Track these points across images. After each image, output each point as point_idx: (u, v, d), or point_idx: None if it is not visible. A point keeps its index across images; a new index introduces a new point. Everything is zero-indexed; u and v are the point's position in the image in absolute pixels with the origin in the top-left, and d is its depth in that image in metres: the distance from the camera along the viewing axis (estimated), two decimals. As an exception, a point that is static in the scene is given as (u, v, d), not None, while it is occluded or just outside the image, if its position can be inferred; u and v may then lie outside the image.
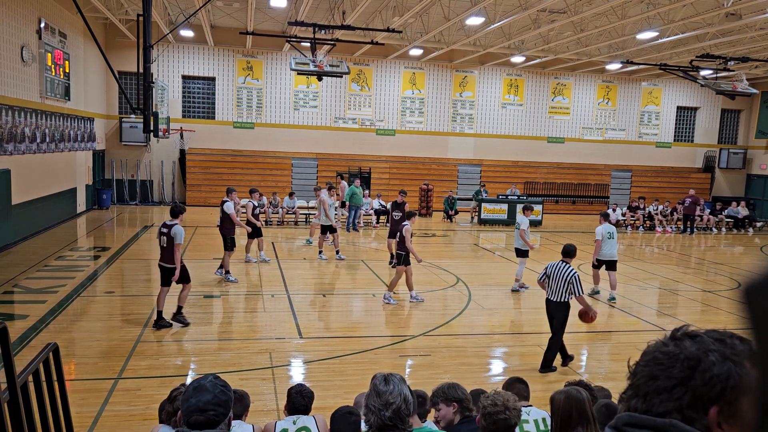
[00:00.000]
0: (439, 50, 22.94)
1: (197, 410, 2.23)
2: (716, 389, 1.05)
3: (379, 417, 2.41)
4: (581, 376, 7.38)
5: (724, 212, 24.42)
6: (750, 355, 0.97)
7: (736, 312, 0.84)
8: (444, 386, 4.02)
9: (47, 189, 16.94)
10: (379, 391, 2.45)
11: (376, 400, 2.43)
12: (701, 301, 12.18)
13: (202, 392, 2.26)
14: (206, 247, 15.55)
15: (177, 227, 8.94)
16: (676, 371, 1.08)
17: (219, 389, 2.28)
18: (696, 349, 1.08)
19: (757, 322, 0.82)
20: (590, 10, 16.22)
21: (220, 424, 2.26)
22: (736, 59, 19.93)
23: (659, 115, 29.53)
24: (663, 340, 1.15)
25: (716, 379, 1.05)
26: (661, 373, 1.10)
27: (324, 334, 8.99)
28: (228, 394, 2.31)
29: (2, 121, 13.57)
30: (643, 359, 1.16)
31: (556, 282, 7.79)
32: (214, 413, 2.23)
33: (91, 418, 5.82)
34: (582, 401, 3.29)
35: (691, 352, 1.09)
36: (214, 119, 24.99)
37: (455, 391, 3.95)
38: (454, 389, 3.97)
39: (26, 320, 8.90)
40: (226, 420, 2.29)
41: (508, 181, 26.45)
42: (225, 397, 2.29)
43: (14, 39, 14.28)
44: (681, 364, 1.08)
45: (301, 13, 17.31)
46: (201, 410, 2.23)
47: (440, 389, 4.01)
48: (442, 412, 3.92)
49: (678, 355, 1.09)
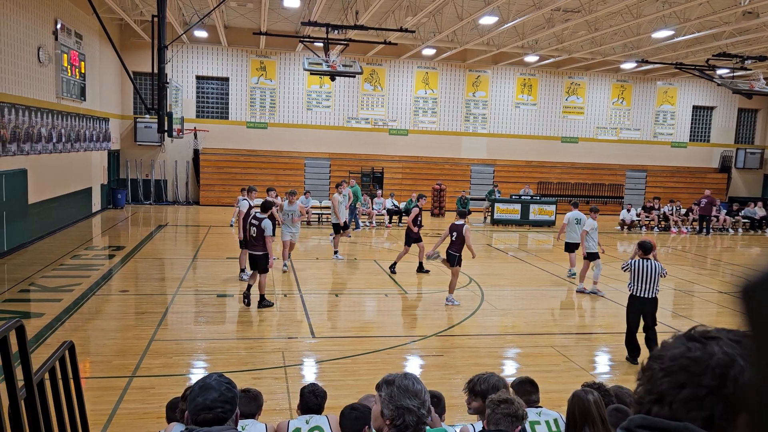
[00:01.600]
0: (452, 50, 22.89)
1: (205, 408, 2.26)
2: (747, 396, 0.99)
3: (418, 415, 2.44)
4: (595, 378, 7.33)
5: (741, 213, 24.13)
6: (749, 353, 0.95)
7: (737, 311, 0.83)
8: (484, 376, 3.95)
9: (63, 188, 17.12)
10: (416, 391, 2.48)
11: (414, 399, 2.45)
12: (717, 302, 12.04)
13: (208, 390, 2.30)
14: (220, 247, 15.64)
15: (266, 221, 9.78)
16: (707, 380, 1.02)
17: (224, 386, 2.32)
18: (723, 355, 1.02)
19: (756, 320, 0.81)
20: (605, 9, 16.10)
21: (228, 420, 2.28)
22: (753, 58, 19.69)
23: (675, 115, 29.25)
24: (684, 343, 1.08)
25: (746, 386, 0.99)
26: (689, 381, 1.04)
27: (336, 334, 9.00)
28: (233, 391, 2.36)
29: (19, 121, 13.74)
30: (662, 363, 1.10)
31: (650, 279, 7.79)
32: (222, 410, 2.27)
33: (106, 416, 5.87)
34: (585, 402, 3.25)
35: (720, 358, 1.02)
36: (228, 119, 25.12)
37: (486, 386, 3.87)
38: (487, 383, 3.89)
39: (42, 318, 9.00)
40: (233, 416, 2.32)
41: (521, 181, 26.33)
42: (231, 394, 2.33)
43: (31, 40, 14.45)
44: (712, 372, 1.02)
45: (314, 13, 17.35)
46: (208, 408, 2.26)
47: (479, 380, 3.95)
48: (476, 404, 3.90)
49: (707, 361, 1.03)
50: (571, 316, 10.94)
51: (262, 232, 9.73)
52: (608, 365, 8.33)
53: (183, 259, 14.31)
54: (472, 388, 3.96)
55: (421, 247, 13.28)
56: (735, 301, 0.82)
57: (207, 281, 11.92)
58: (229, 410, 2.29)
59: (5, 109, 13.03)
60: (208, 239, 16.88)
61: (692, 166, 29.66)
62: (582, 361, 8.12)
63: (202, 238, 17.21)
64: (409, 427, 2.42)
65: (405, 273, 13.16)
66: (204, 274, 12.64)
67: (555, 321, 10.33)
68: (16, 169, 13.67)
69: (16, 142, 13.59)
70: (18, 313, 9.47)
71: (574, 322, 10.56)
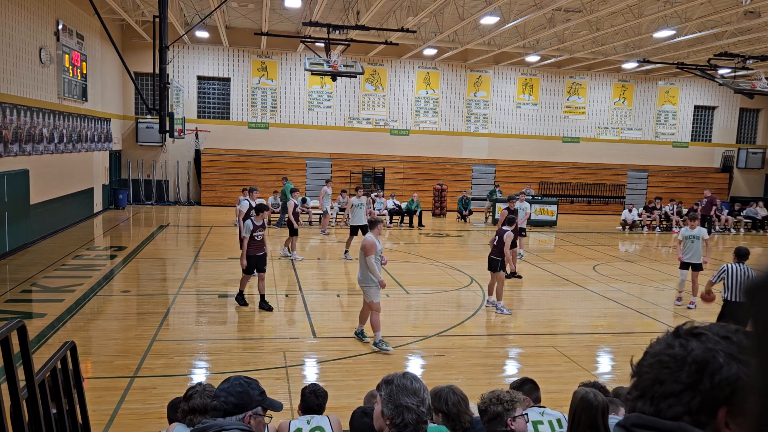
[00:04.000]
0: (454, 50, 22.88)
1: (214, 396, 2.78)
2: (725, 392, 1.02)
3: (418, 413, 2.45)
4: (596, 378, 7.32)
5: (743, 213, 24.09)
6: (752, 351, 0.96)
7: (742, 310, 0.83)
8: (444, 391, 3.65)
9: (65, 189, 17.14)
10: (414, 389, 2.49)
11: (413, 398, 2.46)
12: (717, 302, 12.01)
13: (225, 382, 2.83)
14: (221, 247, 15.64)
15: (247, 222, 10.00)
16: (684, 375, 1.05)
17: (238, 382, 2.82)
18: (703, 351, 1.05)
19: (759, 320, 0.81)
20: (606, 9, 16.08)
21: (234, 415, 2.69)
22: (755, 58, 19.66)
23: (676, 115, 29.23)
24: (668, 340, 1.12)
25: (725, 382, 1.02)
26: (668, 377, 1.07)
27: (338, 334, 9.00)
28: (245, 389, 2.81)
29: (21, 122, 13.76)
30: (647, 359, 1.13)
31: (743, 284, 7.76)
32: (224, 400, 2.74)
33: (108, 416, 5.87)
34: (593, 409, 3.19)
35: (698, 354, 1.05)
36: (229, 119, 25.13)
37: (439, 402, 3.59)
38: (438, 399, 3.59)
39: (44, 318, 9.01)
40: (241, 414, 2.71)
41: (522, 181, 26.32)
42: (240, 389, 2.80)
43: (33, 41, 14.47)
44: (689, 368, 1.05)
45: (316, 14, 17.35)
46: (215, 395, 2.78)
47: (440, 396, 3.63)
48: None
49: (685, 357, 1.06)
50: (573, 316, 10.93)
51: None
52: (609, 365, 8.33)
53: (184, 259, 14.32)
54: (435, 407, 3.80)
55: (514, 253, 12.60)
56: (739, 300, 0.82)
57: (208, 281, 11.93)
58: (231, 403, 2.66)
59: (7, 109, 13.05)
60: (210, 239, 16.89)
61: (694, 166, 29.63)
62: (583, 362, 8.11)
63: (204, 238, 17.22)
64: (409, 425, 2.43)
65: (405, 273, 13.16)
66: (205, 274, 12.65)
67: (556, 321, 10.32)
68: (17, 169, 13.68)
69: (18, 143, 13.60)
70: (20, 313, 9.49)
71: (576, 322, 10.55)
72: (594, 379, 5.08)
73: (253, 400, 2.72)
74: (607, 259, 16.04)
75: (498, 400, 3.50)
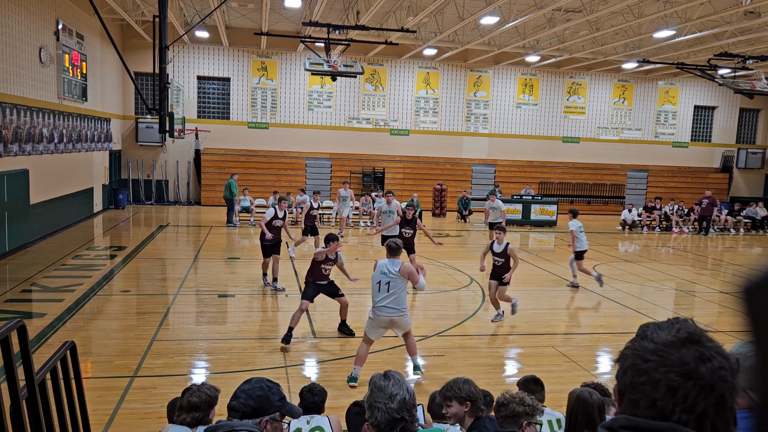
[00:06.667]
0: (454, 50, 22.88)
1: (234, 396, 2.74)
2: (713, 396, 1.02)
3: (386, 411, 2.39)
4: (596, 378, 7.32)
5: (743, 213, 24.10)
6: (751, 350, 0.96)
7: (738, 310, 0.83)
8: (459, 381, 3.85)
9: (65, 189, 17.14)
10: (381, 386, 2.45)
11: (380, 395, 2.43)
12: (718, 302, 12.02)
13: (245, 383, 2.86)
14: (221, 247, 15.64)
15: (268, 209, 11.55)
16: (666, 380, 1.05)
17: (258, 386, 2.83)
18: (689, 357, 1.05)
19: (757, 319, 0.81)
20: (606, 9, 16.08)
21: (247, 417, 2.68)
22: (755, 58, 19.66)
23: (676, 115, 29.23)
24: (653, 342, 1.11)
25: (709, 388, 1.03)
26: (651, 379, 1.07)
27: (337, 334, 9.00)
28: (265, 392, 2.83)
29: (21, 122, 13.75)
30: (629, 361, 1.13)
31: None
32: (243, 402, 2.73)
33: (108, 416, 5.87)
34: (590, 407, 3.21)
35: (683, 360, 1.05)
36: (229, 119, 25.13)
37: (470, 389, 3.80)
38: (469, 386, 3.82)
39: (44, 318, 9.01)
40: (258, 419, 2.69)
41: (522, 181, 26.33)
42: (260, 393, 2.82)
43: (32, 41, 14.46)
44: (674, 373, 1.05)
45: (316, 14, 17.35)
46: (236, 396, 2.75)
47: (455, 385, 3.85)
48: (453, 409, 3.85)
49: (668, 358, 1.06)
50: (572, 317, 10.94)
51: None
52: (609, 365, 8.33)
53: (184, 259, 14.32)
54: (445, 395, 3.91)
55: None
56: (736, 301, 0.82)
57: (208, 281, 11.93)
58: (250, 406, 2.65)
59: (7, 109, 13.04)
60: (210, 239, 16.89)
61: (693, 166, 29.63)
62: (583, 362, 8.12)
63: (204, 238, 17.22)
64: (381, 424, 2.40)
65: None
66: (205, 274, 12.65)
67: (556, 321, 10.32)
68: (17, 169, 13.68)
69: (18, 143, 13.60)
70: (20, 313, 9.49)
71: (576, 322, 10.55)
72: (594, 380, 5.08)
73: (272, 406, 2.68)
74: (607, 260, 16.05)
75: (521, 402, 3.50)
